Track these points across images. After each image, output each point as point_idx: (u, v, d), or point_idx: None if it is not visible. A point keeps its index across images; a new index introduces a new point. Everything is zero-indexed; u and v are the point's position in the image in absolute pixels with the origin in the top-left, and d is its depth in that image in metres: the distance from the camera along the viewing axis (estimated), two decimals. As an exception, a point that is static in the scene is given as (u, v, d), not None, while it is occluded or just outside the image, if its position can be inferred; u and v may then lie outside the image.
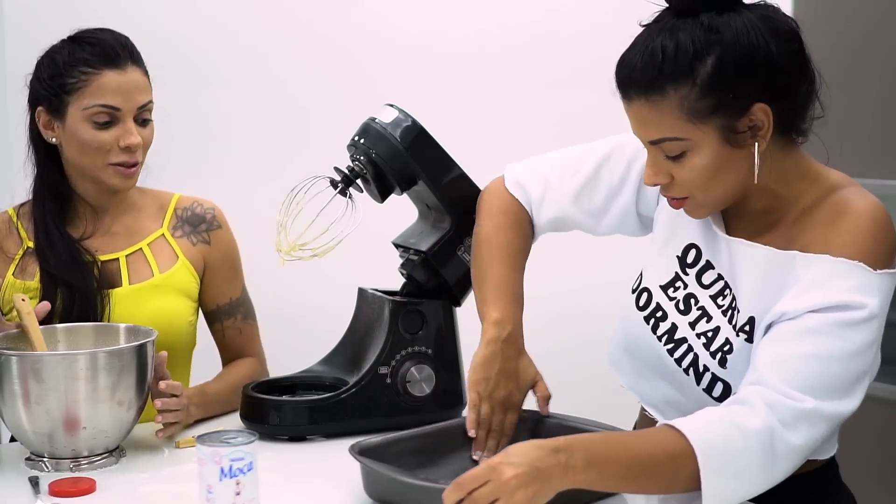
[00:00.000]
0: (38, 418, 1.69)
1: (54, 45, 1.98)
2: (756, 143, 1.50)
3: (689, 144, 1.51)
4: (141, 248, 2.02)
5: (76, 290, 1.92)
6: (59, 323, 1.89)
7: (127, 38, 1.97)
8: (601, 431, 1.56)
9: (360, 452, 1.58)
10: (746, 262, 1.57)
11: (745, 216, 1.62)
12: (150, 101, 1.97)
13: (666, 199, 1.61)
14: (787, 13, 1.55)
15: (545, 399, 1.73)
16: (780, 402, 1.43)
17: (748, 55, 1.47)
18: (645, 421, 1.77)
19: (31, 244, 1.98)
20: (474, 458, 1.69)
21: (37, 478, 1.66)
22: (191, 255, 2.05)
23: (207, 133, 2.82)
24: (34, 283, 1.94)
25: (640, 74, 1.50)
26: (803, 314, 1.47)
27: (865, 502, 1.73)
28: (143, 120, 1.95)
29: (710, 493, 1.41)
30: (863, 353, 1.48)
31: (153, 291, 1.99)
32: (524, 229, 1.85)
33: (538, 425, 1.75)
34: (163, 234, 2.05)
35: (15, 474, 1.72)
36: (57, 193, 1.99)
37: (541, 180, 1.85)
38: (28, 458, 1.75)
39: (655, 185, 1.57)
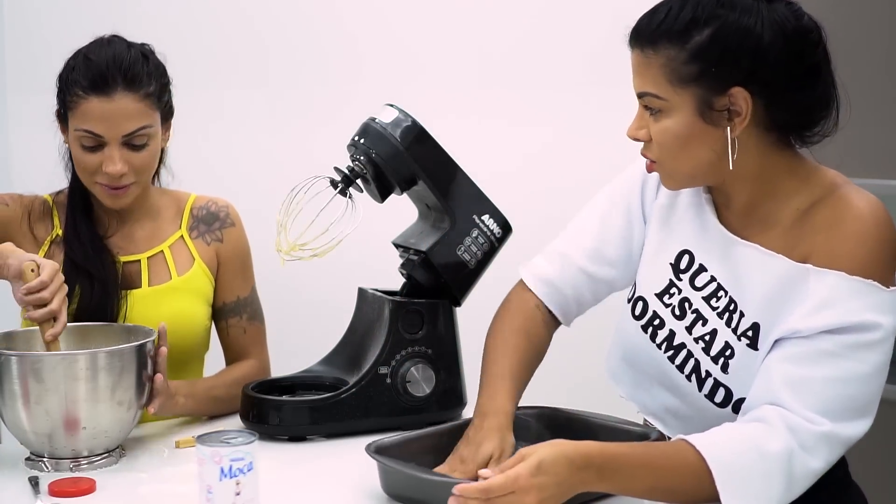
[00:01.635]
0: (37, 418, 1.69)
1: (79, 50, 1.94)
2: (729, 127, 1.52)
3: (666, 105, 1.53)
4: (162, 251, 2.03)
5: (96, 282, 1.93)
6: (75, 319, 1.89)
7: (134, 58, 1.90)
8: (625, 444, 1.52)
9: (377, 451, 1.59)
10: (756, 269, 1.57)
11: (732, 209, 1.62)
12: (144, 127, 1.90)
13: (646, 168, 1.63)
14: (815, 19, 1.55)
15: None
16: (802, 426, 1.45)
17: (741, 37, 1.49)
18: None
19: (59, 232, 1.98)
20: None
21: (37, 478, 1.66)
22: (206, 256, 2.05)
23: (205, 133, 2.81)
24: None
25: (643, 28, 1.55)
26: (818, 334, 1.48)
27: (873, 503, 1.74)
28: (135, 145, 1.91)
29: None
30: (878, 373, 1.49)
31: (171, 294, 1.99)
32: (536, 332, 1.79)
33: (554, 421, 1.76)
34: (181, 236, 2.05)
35: (15, 474, 1.72)
36: (83, 190, 1.99)
37: (555, 258, 1.81)
38: (28, 459, 1.75)
39: (636, 139, 1.59)
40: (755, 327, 1.56)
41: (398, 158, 1.91)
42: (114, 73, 1.88)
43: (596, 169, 3.04)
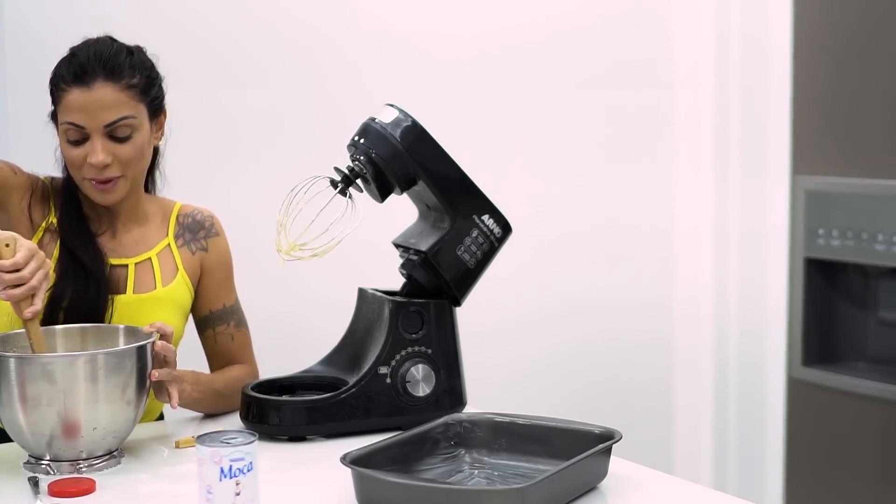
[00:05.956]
0: (36, 420, 1.68)
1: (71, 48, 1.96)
2: None
3: None
4: (150, 258, 2.02)
5: (91, 280, 1.92)
6: (63, 314, 1.88)
7: (116, 51, 1.92)
8: None
9: (353, 462, 1.56)
10: None
11: None
12: (126, 118, 1.90)
13: None
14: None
15: None
16: None
17: None
18: None
19: (54, 220, 1.97)
20: None
21: (37, 478, 1.66)
22: (189, 265, 2.05)
23: (205, 134, 2.82)
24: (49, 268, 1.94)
25: None
26: None
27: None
28: (118, 137, 1.91)
29: None
30: None
31: (154, 304, 1.99)
32: None
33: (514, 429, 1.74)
34: (168, 244, 2.05)
35: (15, 474, 1.72)
36: (77, 190, 1.99)
37: None
38: (27, 463, 1.74)
39: None
40: None
41: (398, 158, 1.91)
42: (94, 65, 1.90)
43: (596, 169, 3.05)
